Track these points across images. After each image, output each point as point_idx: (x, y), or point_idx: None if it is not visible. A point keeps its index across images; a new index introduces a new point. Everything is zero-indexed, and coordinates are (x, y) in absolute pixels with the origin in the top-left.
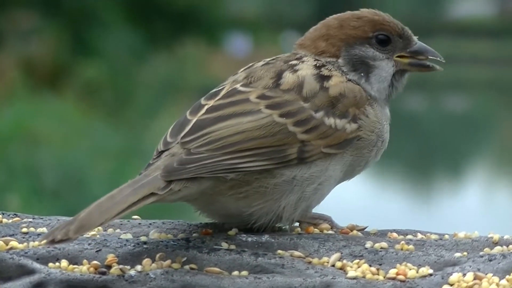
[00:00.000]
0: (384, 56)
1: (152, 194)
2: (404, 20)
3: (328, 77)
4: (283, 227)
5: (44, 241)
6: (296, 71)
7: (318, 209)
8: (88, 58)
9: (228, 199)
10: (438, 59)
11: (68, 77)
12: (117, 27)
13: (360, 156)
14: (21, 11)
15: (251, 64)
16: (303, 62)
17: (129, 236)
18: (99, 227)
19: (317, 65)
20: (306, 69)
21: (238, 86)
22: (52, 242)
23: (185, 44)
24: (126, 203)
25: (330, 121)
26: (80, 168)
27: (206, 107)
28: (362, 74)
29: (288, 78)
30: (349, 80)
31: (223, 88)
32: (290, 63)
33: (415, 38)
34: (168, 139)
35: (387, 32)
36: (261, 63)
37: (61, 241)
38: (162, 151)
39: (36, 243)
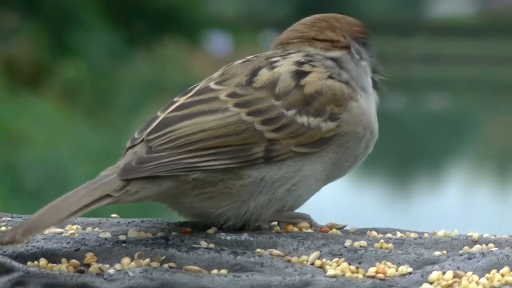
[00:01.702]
0: (369, 58)
1: (108, 195)
2: (384, 20)
3: (306, 74)
4: (262, 226)
5: None
6: (273, 68)
7: (299, 208)
8: (68, 59)
9: (193, 199)
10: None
11: (49, 78)
12: (97, 27)
13: (345, 152)
14: (1, 11)
15: (231, 62)
16: (285, 58)
17: (107, 234)
18: (54, 227)
19: (300, 61)
20: (286, 65)
21: (211, 84)
22: (1, 244)
23: (165, 44)
24: (79, 205)
25: (303, 119)
26: (61, 168)
27: (175, 104)
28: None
29: (263, 75)
30: (331, 77)
31: (196, 86)
32: (271, 59)
33: None
34: (135, 136)
35: (367, 37)
36: (241, 60)
37: (8, 243)
38: (129, 148)
39: None
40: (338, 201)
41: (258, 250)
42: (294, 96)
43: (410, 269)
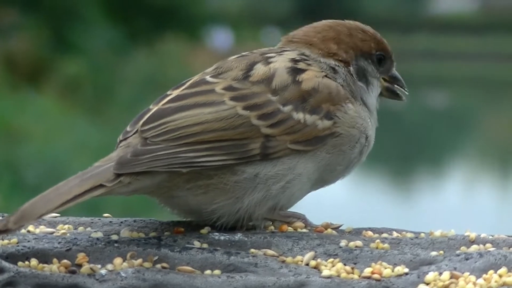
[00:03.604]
0: (378, 75)
1: (101, 186)
2: (385, 16)
3: (302, 71)
4: (256, 225)
5: None
6: (269, 63)
7: (293, 207)
8: (68, 54)
9: (187, 193)
10: (405, 89)
11: (49, 74)
12: (98, 23)
13: (340, 154)
14: (1, 7)
15: (225, 58)
16: (281, 55)
17: (99, 234)
18: (43, 218)
19: (295, 58)
20: (281, 61)
21: (207, 77)
22: None
23: (166, 40)
24: (70, 194)
25: (299, 115)
26: (61, 164)
27: (170, 96)
28: (363, 85)
29: (259, 70)
30: (327, 76)
31: (190, 79)
32: (267, 55)
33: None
34: (128, 128)
35: (385, 53)
36: (236, 56)
37: (1, 232)
38: (121, 141)
39: (6, 241)
40: (333, 200)
41: (252, 250)
42: (291, 91)
43: (406, 270)
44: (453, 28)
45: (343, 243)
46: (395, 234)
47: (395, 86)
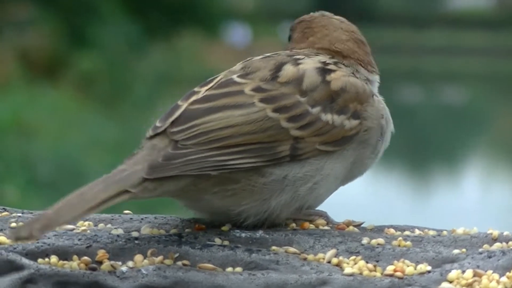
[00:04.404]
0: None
1: (126, 191)
2: (401, 12)
3: (331, 71)
4: (278, 223)
5: (10, 238)
6: (298, 64)
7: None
8: (84, 50)
9: (213, 197)
10: None
11: (65, 69)
12: (114, 18)
13: (366, 148)
14: (17, 2)
15: (250, 57)
16: (310, 57)
17: (120, 231)
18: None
19: (326, 61)
20: (310, 63)
21: (234, 76)
22: (17, 239)
23: (183, 35)
24: (95, 201)
25: (327, 117)
26: (76, 159)
27: (197, 95)
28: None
29: (288, 70)
30: (353, 75)
31: (217, 77)
32: (294, 57)
33: None
34: (157, 124)
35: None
36: (260, 56)
37: (25, 239)
38: (152, 137)
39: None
40: (355, 198)
41: (274, 247)
42: (320, 92)
43: (429, 268)
44: (468, 23)
45: (365, 240)
46: (417, 231)
47: None
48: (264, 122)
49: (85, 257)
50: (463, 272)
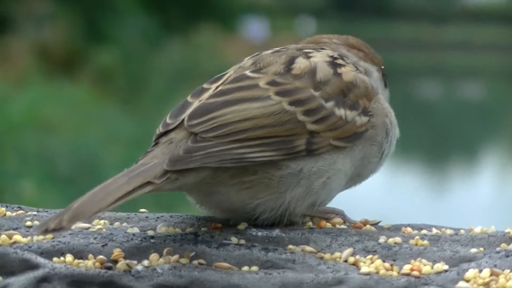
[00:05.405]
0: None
1: (149, 183)
2: (418, 7)
3: (340, 65)
4: (294, 222)
5: (38, 231)
6: (309, 57)
7: (330, 203)
8: (102, 44)
9: (230, 189)
10: None
11: (82, 64)
12: (132, 13)
13: (374, 145)
14: None
15: (257, 53)
16: (319, 51)
17: (136, 230)
18: (96, 216)
19: (334, 55)
20: (320, 57)
21: (247, 72)
22: (46, 231)
23: (200, 30)
24: (120, 192)
25: (341, 112)
26: (94, 154)
27: (211, 90)
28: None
29: (300, 63)
30: (360, 72)
31: (227, 73)
32: (304, 50)
33: None
34: (168, 121)
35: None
36: (270, 51)
37: (54, 230)
38: (161, 134)
39: (41, 237)
40: (372, 196)
41: (290, 246)
42: (332, 86)
43: (446, 267)
44: (487, 19)
45: (382, 239)
46: (434, 230)
47: None
48: (281, 115)
49: (101, 256)
50: (480, 271)
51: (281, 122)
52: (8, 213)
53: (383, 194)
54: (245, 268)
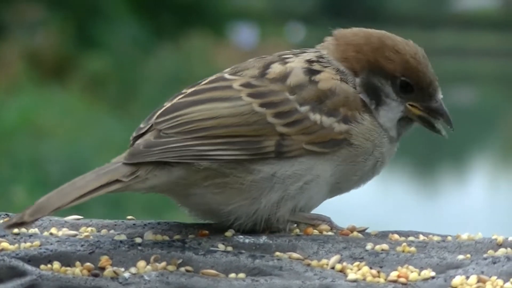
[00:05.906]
0: (398, 99)
1: (117, 181)
2: (410, 13)
3: (317, 72)
4: (281, 228)
5: (2, 227)
6: (286, 63)
7: (317, 210)
8: (93, 50)
9: (204, 191)
10: (449, 127)
11: (73, 70)
12: (123, 19)
13: (354, 164)
14: (26, 3)
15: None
16: (298, 56)
17: (123, 237)
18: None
19: (311, 59)
20: (297, 62)
21: (224, 74)
22: (9, 226)
23: (191, 36)
24: (86, 189)
25: (316, 117)
26: (85, 160)
27: (186, 92)
28: (372, 101)
29: (275, 68)
30: (344, 81)
31: (207, 78)
32: (284, 56)
33: (439, 95)
34: (141, 125)
35: (413, 81)
36: (255, 57)
37: (16, 224)
38: (136, 138)
39: (28, 244)
40: (359, 203)
41: (277, 253)
42: (308, 91)
43: (433, 273)
44: (478, 24)
45: (369, 246)
46: (421, 237)
47: (434, 118)
48: (249, 116)
49: (88, 263)
50: (467, 278)
51: (248, 123)
52: None
53: (370, 201)
54: (232, 275)
